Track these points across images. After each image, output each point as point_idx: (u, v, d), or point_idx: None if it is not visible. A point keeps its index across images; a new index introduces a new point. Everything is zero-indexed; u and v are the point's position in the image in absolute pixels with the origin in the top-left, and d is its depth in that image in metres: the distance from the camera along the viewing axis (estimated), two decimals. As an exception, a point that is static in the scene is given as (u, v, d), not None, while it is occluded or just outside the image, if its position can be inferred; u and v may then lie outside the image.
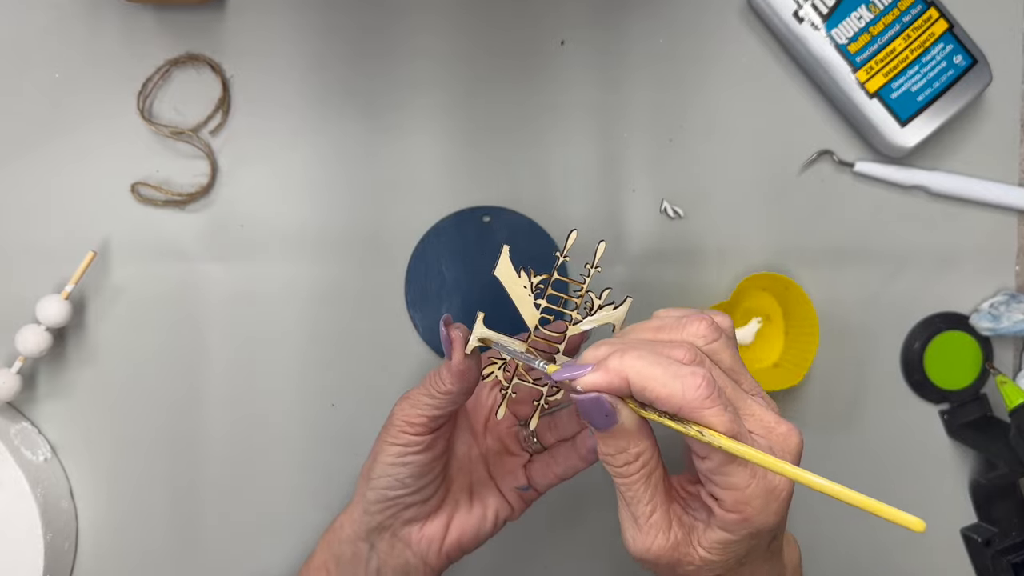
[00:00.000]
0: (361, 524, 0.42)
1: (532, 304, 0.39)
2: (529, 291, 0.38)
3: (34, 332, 0.49)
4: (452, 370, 0.38)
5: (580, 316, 0.39)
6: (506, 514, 0.44)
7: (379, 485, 0.41)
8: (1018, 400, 0.52)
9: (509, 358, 0.38)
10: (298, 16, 0.52)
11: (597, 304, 0.39)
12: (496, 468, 0.45)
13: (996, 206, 0.55)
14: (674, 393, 0.31)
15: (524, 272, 0.38)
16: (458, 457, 0.45)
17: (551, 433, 0.44)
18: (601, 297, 0.39)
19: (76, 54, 0.52)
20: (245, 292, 0.52)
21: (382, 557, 0.43)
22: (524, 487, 0.44)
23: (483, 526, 0.44)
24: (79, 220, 0.52)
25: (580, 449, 0.41)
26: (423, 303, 0.53)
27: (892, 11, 0.51)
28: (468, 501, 0.44)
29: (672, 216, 0.54)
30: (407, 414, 0.40)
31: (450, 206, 0.53)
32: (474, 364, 0.39)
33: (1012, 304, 0.54)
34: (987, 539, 0.54)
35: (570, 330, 0.39)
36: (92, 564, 0.52)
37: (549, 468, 0.43)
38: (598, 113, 0.54)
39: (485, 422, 0.46)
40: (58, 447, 0.52)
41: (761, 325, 0.54)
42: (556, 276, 0.39)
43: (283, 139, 0.53)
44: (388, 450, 0.41)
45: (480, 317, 0.38)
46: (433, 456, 0.41)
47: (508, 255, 0.38)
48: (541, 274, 0.39)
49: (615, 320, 0.39)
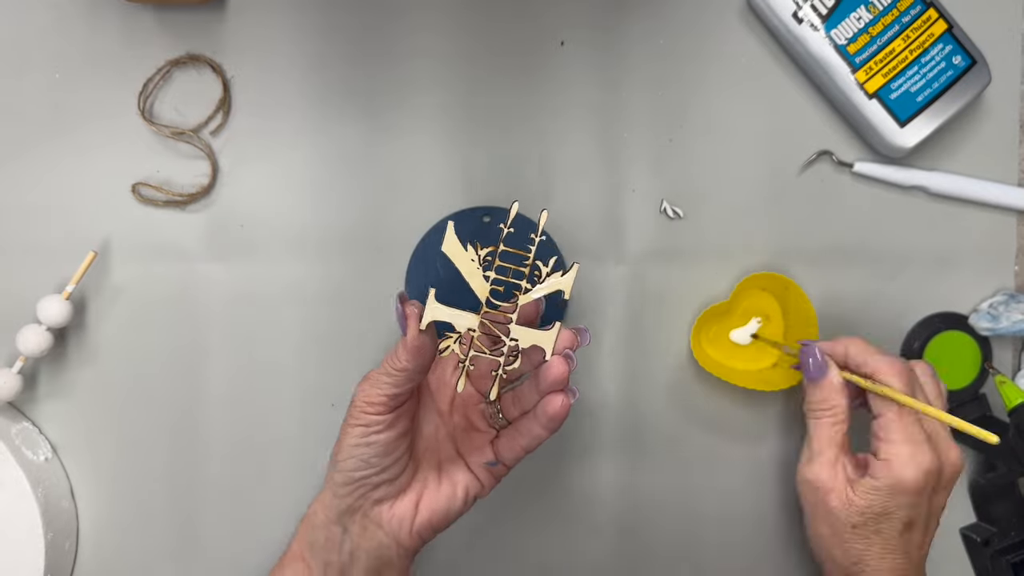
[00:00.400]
0: (332, 508, 0.43)
1: (481, 277, 0.39)
2: (477, 263, 0.39)
3: (35, 332, 0.49)
4: (407, 346, 0.39)
5: (530, 286, 0.40)
6: (476, 490, 0.45)
7: (346, 467, 0.42)
8: (1017, 400, 0.52)
9: (464, 331, 0.39)
10: (298, 16, 0.52)
11: (545, 272, 0.40)
12: (464, 445, 0.46)
13: (995, 206, 0.55)
14: (880, 363, 0.46)
15: (471, 246, 0.39)
16: (425, 436, 0.46)
17: (515, 407, 0.45)
18: (549, 265, 0.40)
19: (76, 54, 0.52)
20: (245, 292, 0.52)
21: (355, 540, 0.43)
22: (492, 463, 0.45)
23: (453, 504, 0.44)
24: (80, 220, 0.52)
25: (540, 417, 0.42)
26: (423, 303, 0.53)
27: (891, 12, 0.51)
28: (437, 479, 0.44)
29: (672, 216, 0.54)
30: (367, 394, 0.41)
31: (450, 206, 0.53)
32: (429, 340, 0.40)
33: (1011, 304, 0.54)
34: (986, 539, 0.54)
35: (520, 299, 0.40)
36: (93, 563, 0.52)
37: (515, 441, 0.44)
38: (598, 113, 0.54)
39: (451, 401, 0.47)
40: (59, 447, 0.52)
41: (761, 325, 0.54)
42: (503, 247, 0.39)
43: (284, 139, 0.53)
44: (351, 431, 0.41)
45: (432, 293, 0.39)
46: (396, 434, 0.42)
47: (454, 230, 0.39)
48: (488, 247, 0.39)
49: (564, 286, 0.40)
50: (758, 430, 0.55)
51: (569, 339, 0.41)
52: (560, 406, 0.41)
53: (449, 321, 0.39)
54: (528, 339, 0.40)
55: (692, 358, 0.53)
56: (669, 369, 0.54)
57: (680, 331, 0.54)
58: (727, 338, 0.54)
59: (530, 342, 0.40)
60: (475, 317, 0.39)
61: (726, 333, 0.54)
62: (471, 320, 0.39)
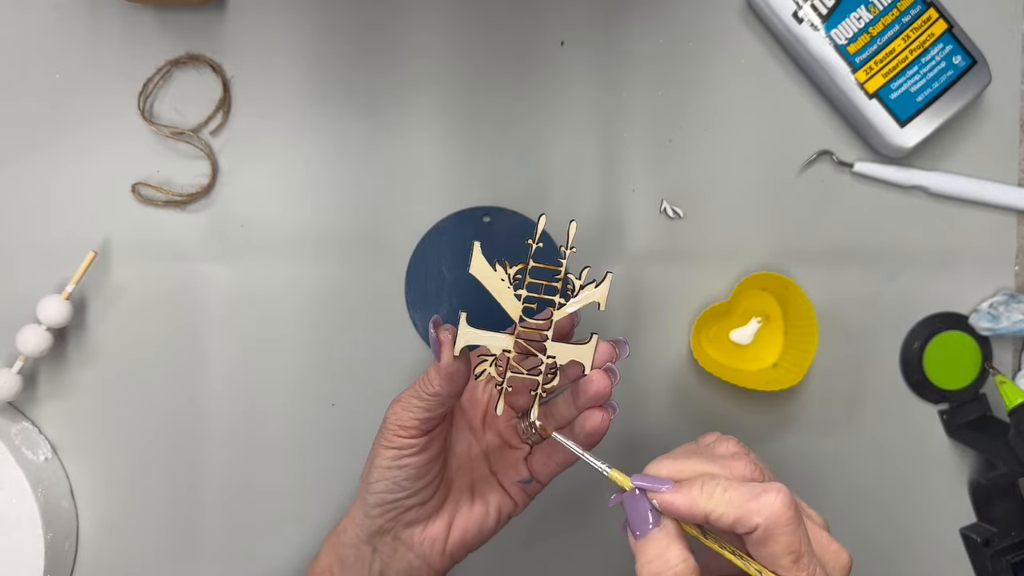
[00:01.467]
0: (362, 527, 0.42)
1: (512, 295, 0.38)
2: (507, 283, 0.38)
3: (35, 332, 0.49)
4: (441, 372, 0.38)
5: (563, 300, 0.39)
6: (509, 509, 0.44)
7: (377, 489, 0.41)
8: (1017, 400, 0.52)
9: (499, 352, 0.38)
10: (298, 16, 0.52)
11: (578, 285, 0.39)
12: (497, 463, 0.45)
13: (995, 206, 0.55)
14: (763, 517, 0.32)
15: (499, 265, 0.38)
16: (458, 455, 0.45)
17: (549, 422, 0.44)
18: (581, 276, 0.39)
19: (76, 54, 0.52)
20: (245, 292, 0.52)
21: (385, 560, 0.43)
22: (527, 480, 0.44)
23: (486, 523, 0.43)
24: (80, 220, 0.52)
25: (579, 434, 0.41)
26: (423, 303, 0.53)
27: (891, 11, 0.51)
28: (470, 499, 0.44)
29: (672, 216, 0.54)
30: (399, 417, 0.40)
31: (450, 206, 0.53)
32: (463, 364, 0.39)
33: (1011, 304, 0.54)
34: (986, 539, 0.54)
35: (555, 315, 0.39)
36: (92, 564, 0.52)
37: (550, 458, 0.43)
38: (598, 113, 0.54)
39: (483, 418, 0.46)
40: (59, 447, 0.52)
41: (761, 325, 0.54)
42: (532, 263, 0.38)
43: (284, 139, 0.53)
44: (383, 454, 0.41)
45: (463, 317, 0.38)
46: (429, 458, 0.41)
47: (480, 250, 0.38)
48: (516, 264, 0.38)
49: (599, 298, 0.39)
50: (758, 430, 0.55)
51: (607, 352, 0.40)
52: (600, 422, 0.40)
53: (483, 344, 0.38)
54: (566, 354, 0.39)
55: (692, 358, 0.53)
56: (669, 369, 0.54)
57: (680, 331, 0.54)
58: (727, 338, 0.54)
59: (568, 357, 0.39)
60: (509, 338, 0.38)
61: (726, 333, 0.54)
62: (506, 341, 0.38)
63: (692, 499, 0.33)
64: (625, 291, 0.54)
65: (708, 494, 0.33)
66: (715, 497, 0.32)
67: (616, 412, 0.41)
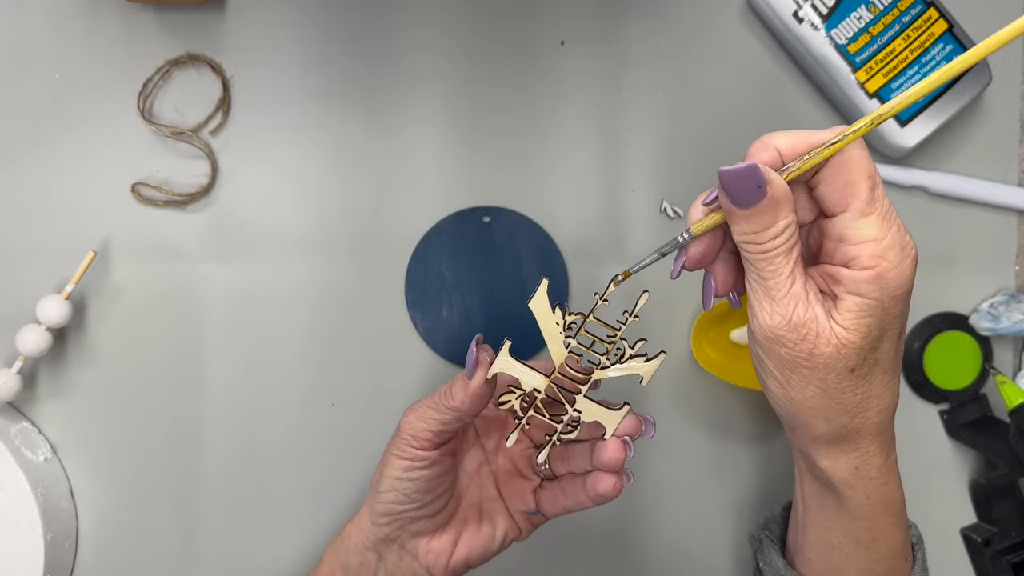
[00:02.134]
0: (369, 534, 0.42)
1: (562, 342, 0.38)
2: (561, 328, 0.38)
3: (34, 332, 0.49)
4: (469, 390, 0.38)
5: (609, 362, 0.39)
6: (514, 535, 0.44)
7: (386, 499, 0.41)
8: (1018, 400, 0.52)
9: (528, 389, 0.39)
10: (298, 15, 0.52)
11: (629, 353, 0.39)
12: (506, 489, 0.45)
13: (996, 206, 0.55)
14: (822, 135, 0.33)
15: (559, 308, 0.38)
16: (468, 473, 0.45)
17: (563, 463, 0.43)
18: (634, 347, 0.39)
19: (76, 54, 0.52)
20: (245, 292, 0.52)
21: (389, 568, 0.43)
22: (532, 511, 0.44)
23: (491, 545, 0.44)
24: (80, 220, 0.52)
25: (589, 490, 0.41)
26: (423, 303, 0.53)
27: (892, 11, 0.51)
28: (477, 519, 0.44)
29: (672, 216, 0.54)
30: (413, 427, 0.40)
31: (450, 206, 0.53)
32: (489, 387, 0.39)
33: (1012, 304, 0.54)
34: (987, 539, 0.54)
35: (596, 374, 0.39)
36: (92, 564, 0.52)
37: (557, 499, 0.43)
38: (598, 113, 0.54)
39: (498, 443, 0.46)
40: (58, 447, 0.52)
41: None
42: (593, 318, 0.38)
43: (283, 139, 0.53)
44: (394, 463, 0.40)
45: (506, 345, 0.38)
46: (439, 472, 0.41)
47: (546, 289, 0.38)
48: (576, 313, 0.38)
49: (644, 373, 0.38)
50: (759, 430, 0.55)
51: (633, 427, 0.39)
52: (611, 488, 0.40)
53: (518, 377, 0.38)
54: (592, 415, 0.39)
55: (692, 358, 0.53)
56: (669, 369, 0.54)
57: (680, 331, 0.54)
58: (727, 338, 0.54)
59: (593, 418, 0.39)
60: (544, 379, 0.38)
61: (726, 333, 0.54)
62: (539, 381, 0.38)
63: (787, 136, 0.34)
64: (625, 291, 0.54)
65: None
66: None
67: (631, 481, 0.40)
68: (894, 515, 0.38)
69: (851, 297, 0.33)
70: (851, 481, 0.37)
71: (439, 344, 0.53)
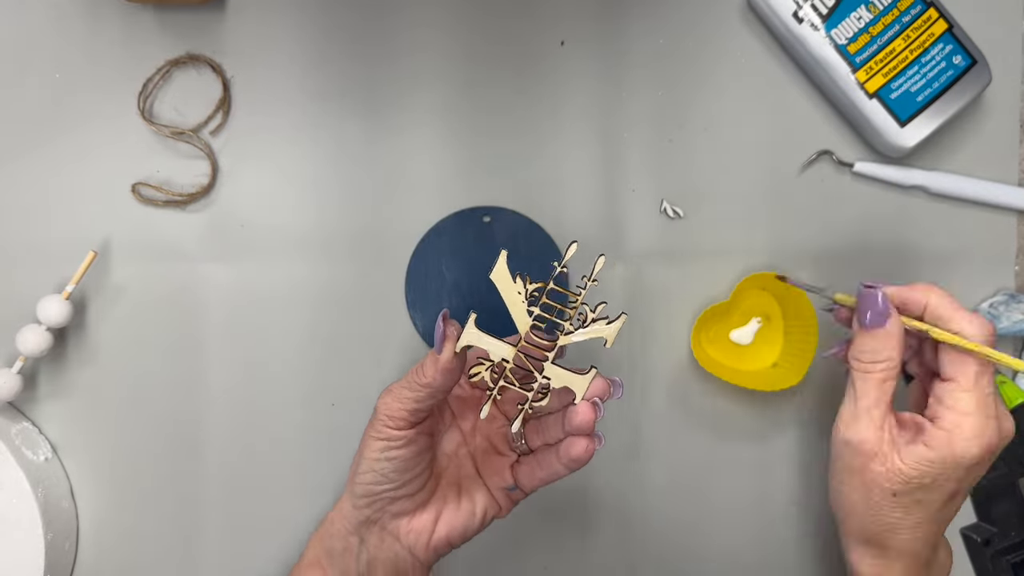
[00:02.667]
0: (350, 518, 0.43)
1: (525, 310, 0.39)
2: (523, 297, 0.39)
3: (35, 332, 0.49)
4: (439, 365, 0.39)
5: (572, 327, 0.39)
6: (494, 512, 0.45)
7: (365, 480, 0.42)
8: (1017, 400, 0.52)
9: (497, 360, 0.39)
10: (298, 15, 0.53)
11: (591, 317, 0.39)
12: (484, 467, 0.46)
13: (996, 206, 0.55)
14: (964, 319, 0.41)
15: (520, 278, 0.39)
16: (446, 454, 0.46)
17: (538, 436, 0.44)
18: (596, 311, 0.40)
19: (76, 54, 0.52)
20: (245, 292, 0.52)
21: (372, 551, 0.43)
22: (511, 487, 0.45)
23: (471, 523, 0.44)
24: (80, 220, 0.52)
25: (563, 457, 0.42)
26: (423, 303, 0.53)
27: (892, 11, 0.51)
28: (457, 498, 0.44)
29: (672, 216, 0.54)
30: (389, 408, 0.41)
31: (450, 206, 0.53)
32: (459, 361, 0.40)
33: (1011, 304, 0.54)
34: (986, 539, 0.54)
35: (561, 340, 0.39)
36: (92, 564, 0.52)
37: (534, 471, 0.44)
38: (598, 113, 0.54)
39: (474, 421, 0.46)
40: (59, 447, 0.52)
41: (761, 325, 0.54)
42: (552, 285, 0.39)
43: (284, 139, 0.53)
44: (372, 444, 0.41)
45: (472, 318, 0.39)
46: (416, 451, 0.42)
47: (505, 260, 0.39)
48: (538, 281, 0.39)
49: (607, 335, 0.40)
50: (759, 430, 0.55)
51: (601, 389, 0.40)
52: (584, 451, 0.41)
53: (485, 349, 0.39)
54: (561, 380, 0.40)
55: (692, 358, 0.53)
56: (669, 369, 0.54)
57: (680, 331, 0.54)
58: (727, 338, 0.54)
59: (562, 383, 0.40)
60: (511, 349, 0.39)
61: (726, 333, 0.54)
62: (507, 351, 0.39)
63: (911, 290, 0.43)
64: (625, 291, 0.54)
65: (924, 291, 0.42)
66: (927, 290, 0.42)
67: (602, 443, 0.41)
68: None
69: (922, 447, 0.40)
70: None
71: (439, 344, 0.53)
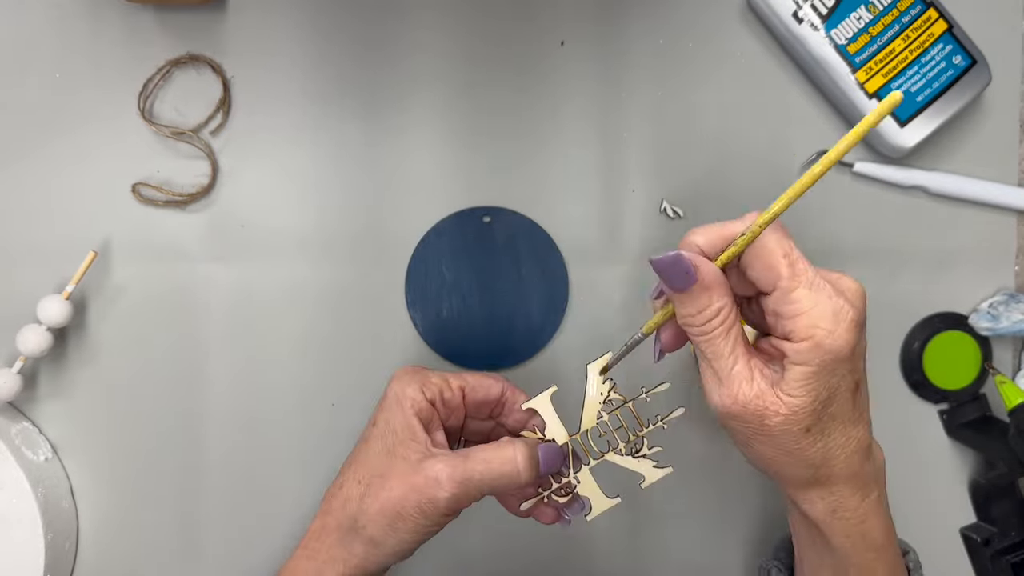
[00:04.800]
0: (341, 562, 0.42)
1: (595, 412, 0.42)
2: (600, 400, 0.42)
3: (35, 332, 0.49)
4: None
5: (624, 451, 0.42)
6: None
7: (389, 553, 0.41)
8: (1017, 400, 0.52)
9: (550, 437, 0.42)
10: (298, 15, 0.53)
11: (644, 452, 0.42)
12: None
13: (995, 206, 0.55)
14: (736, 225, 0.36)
15: (610, 381, 0.42)
16: None
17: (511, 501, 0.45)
18: (651, 450, 0.42)
19: (76, 54, 0.52)
20: (246, 292, 0.52)
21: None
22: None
23: None
24: (80, 220, 0.52)
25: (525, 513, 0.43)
26: (423, 303, 0.53)
27: (891, 11, 0.51)
28: None
29: (672, 216, 0.54)
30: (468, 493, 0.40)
31: (450, 206, 0.53)
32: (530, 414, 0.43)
33: (1011, 304, 0.54)
34: (986, 539, 0.54)
35: (608, 456, 0.42)
36: (93, 564, 0.52)
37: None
38: (598, 113, 0.54)
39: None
40: (59, 447, 0.52)
41: (761, 325, 0.54)
42: (630, 406, 0.42)
43: (284, 139, 0.53)
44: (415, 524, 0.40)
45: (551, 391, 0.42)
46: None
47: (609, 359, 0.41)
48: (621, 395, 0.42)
49: (648, 476, 0.42)
50: (758, 430, 0.55)
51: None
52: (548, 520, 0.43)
53: (546, 421, 0.42)
54: (587, 490, 0.42)
55: (693, 358, 0.53)
56: (669, 369, 0.54)
57: (680, 331, 0.54)
58: (727, 338, 0.54)
59: (586, 493, 0.42)
60: (566, 435, 0.42)
61: (726, 333, 0.54)
62: (561, 435, 0.42)
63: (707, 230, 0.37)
64: (625, 291, 0.54)
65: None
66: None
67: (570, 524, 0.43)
68: (875, 551, 0.39)
69: (795, 367, 0.35)
70: (828, 521, 0.39)
71: (439, 344, 0.53)
